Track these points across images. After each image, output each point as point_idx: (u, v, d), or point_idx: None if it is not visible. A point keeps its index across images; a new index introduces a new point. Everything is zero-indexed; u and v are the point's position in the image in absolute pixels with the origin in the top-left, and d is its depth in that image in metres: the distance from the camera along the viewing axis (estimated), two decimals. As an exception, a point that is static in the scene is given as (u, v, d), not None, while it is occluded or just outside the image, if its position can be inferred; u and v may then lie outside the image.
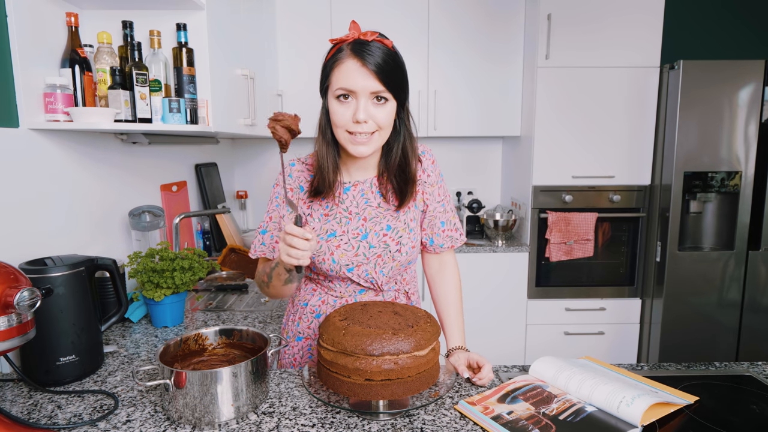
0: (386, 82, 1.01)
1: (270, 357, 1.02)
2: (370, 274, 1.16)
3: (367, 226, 1.15)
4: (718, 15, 3.13)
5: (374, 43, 1.00)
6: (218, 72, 1.69)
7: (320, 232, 1.14)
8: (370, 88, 1.00)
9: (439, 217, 1.23)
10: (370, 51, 0.99)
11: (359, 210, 1.15)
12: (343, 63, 1.00)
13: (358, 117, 1.01)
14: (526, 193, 2.82)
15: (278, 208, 1.18)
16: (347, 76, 1.00)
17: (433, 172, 1.21)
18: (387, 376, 0.89)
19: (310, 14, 2.79)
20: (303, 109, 3.18)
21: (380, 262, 1.15)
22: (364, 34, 1.01)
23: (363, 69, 0.99)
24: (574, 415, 0.93)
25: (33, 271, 1.07)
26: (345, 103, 1.02)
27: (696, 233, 2.68)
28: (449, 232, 1.24)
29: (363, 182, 1.16)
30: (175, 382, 0.88)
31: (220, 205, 2.68)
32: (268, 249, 1.17)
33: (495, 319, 2.84)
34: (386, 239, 1.15)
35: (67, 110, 1.35)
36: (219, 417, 0.91)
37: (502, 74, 2.89)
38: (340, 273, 1.14)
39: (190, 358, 1.04)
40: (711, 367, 1.16)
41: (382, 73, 1.00)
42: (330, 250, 1.13)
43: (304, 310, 1.23)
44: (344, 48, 1.01)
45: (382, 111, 1.03)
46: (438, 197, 1.22)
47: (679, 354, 2.65)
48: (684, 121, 2.48)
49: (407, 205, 1.17)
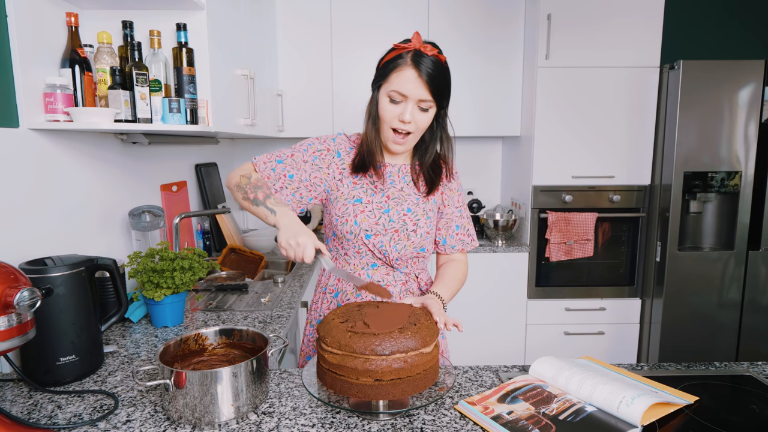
0: (434, 93, 1.14)
1: (270, 357, 1.02)
2: (384, 246, 1.25)
3: (389, 203, 1.26)
4: (718, 15, 3.13)
5: (432, 57, 1.12)
6: (218, 72, 1.69)
7: (347, 197, 1.25)
8: (420, 96, 1.13)
9: (455, 221, 1.35)
10: (428, 64, 1.11)
11: (384, 188, 1.27)
12: (402, 69, 1.12)
13: (405, 118, 1.14)
14: (526, 193, 2.82)
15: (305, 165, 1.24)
16: (405, 82, 1.12)
17: (455, 180, 1.36)
18: (397, 375, 0.89)
19: (310, 14, 2.79)
20: (303, 108, 3.19)
21: (396, 237, 1.25)
22: (424, 47, 1.12)
23: (419, 79, 1.11)
24: (574, 415, 0.93)
25: (33, 271, 1.07)
26: (395, 103, 1.15)
27: (696, 233, 2.68)
28: (462, 236, 1.36)
29: (393, 165, 1.28)
30: (175, 382, 0.88)
31: (220, 205, 2.68)
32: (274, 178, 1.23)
33: (495, 318, 2.84)
34: (405, 218, 1.26)
35: (67, 110, 1.35)
36: (219, 417, 0.91)
37: (502, 74, 2.89)
38: (359, 237, 1.23)
39: (190, 358, 1.04)
40: (711, 367, 1.16)
41: (433, 84, 1.12)
42: (354, 213, 1.23)
43: (324, 295, 1.34)
44: (404, 55, 1.12)
45: (425, 116, 1.17)
46: (457, 203, 1.36)
47: (679, 354, 2.65)
48: (684, 121, 2.48)
49: (432, 194, 1.30)
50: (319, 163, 1.25)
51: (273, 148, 3.24)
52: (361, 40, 2.82)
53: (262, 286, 1.93)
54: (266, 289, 1.88)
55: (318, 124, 2.87)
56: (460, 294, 3.17)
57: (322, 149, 1.26)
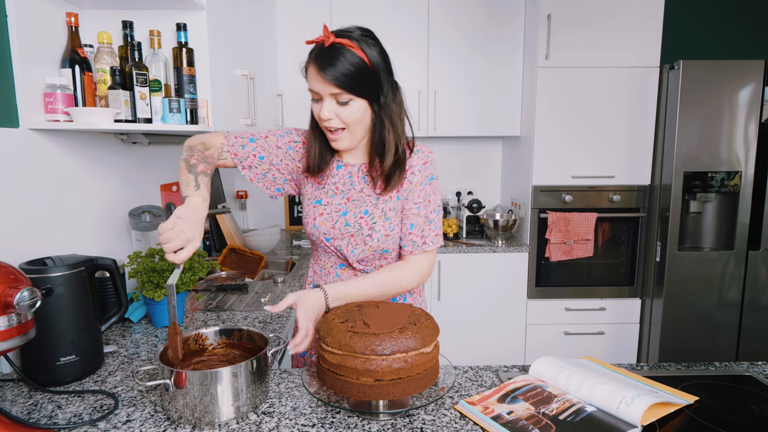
0: (344, 86, 1.05)
1: (270, 357, 1.02)
2: (343, 250, 1.22)
3: (348, 205, 1.21)
4: (718, 15, 3.13)
5: (333, 47, 1.04)
6: (218, 72, 1.69)
7: (310, 197, 1.23)
8: (328, 91, 1.07)
9: (411, 218, 1.20)
10: (327, 57, 1.04)
11: (345, 189, 1.22)
12: (309, 67, 1.09)
13: (322, 115, 1.09)
14: (526, 193, 2.82)
15: (277, 151, 1.23)
16: (311, 80, 1.08)
17: (420, 172, 1.19)
18: (398, 375, 0.89)
19: (310, 15, 2.79)
20: (303, 108, 3.18)
21: (353, 241, 1.20)
22: (327, 37, 1.05)
23: (318, 74, 1.06)
24: (574, 415, 0.93)
25: (33, 271, 1.07)
26: (316, 102, 1.12)
27: (696, 233, 2.68)
28: (414, 237, 1.20)
29: (352, 165, 1.22)
30: (175, 382, 0.88)
31: (220, 205, 2.68)
32: (242, 155, 1.21)
33: (495, 318, 2.84)
34: (361, 222, 1.20)
35: (67, 110, 1.35)
36: (219, 417, 0.91)
37: (502, 74, 2.89)
38: (319, 239, 1.23)
39: (190, 358, 1.04)
40: (711, 367, 1.16)
41: (337, 79, 1.04)
42: (314, 215, 1.22)
43: (309, 287, 1.34)
44: (312, 52, 1.08)
45: (347, 111, 1.09)
46: (417, 198, 1.20)
47: (679, 354, 2.65)
48: (684, 121, 2.48)
49: (389, 194, 1.19)
50: (293, 154, 1.23)
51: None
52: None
53: (262, 286, 1.93)
54: (266, 289, 1.88)
55: (318, 124, 2.87)
56: (461, 294, 3.16)
57: (297, 141, 1.24)
